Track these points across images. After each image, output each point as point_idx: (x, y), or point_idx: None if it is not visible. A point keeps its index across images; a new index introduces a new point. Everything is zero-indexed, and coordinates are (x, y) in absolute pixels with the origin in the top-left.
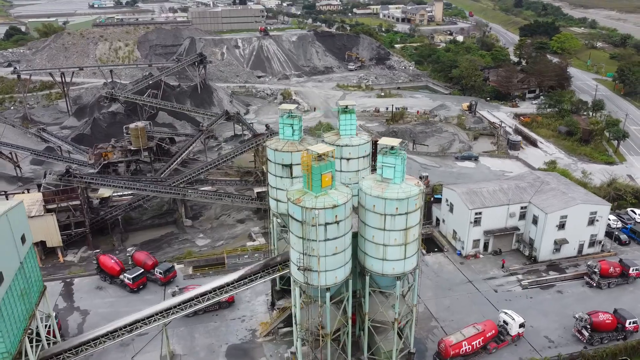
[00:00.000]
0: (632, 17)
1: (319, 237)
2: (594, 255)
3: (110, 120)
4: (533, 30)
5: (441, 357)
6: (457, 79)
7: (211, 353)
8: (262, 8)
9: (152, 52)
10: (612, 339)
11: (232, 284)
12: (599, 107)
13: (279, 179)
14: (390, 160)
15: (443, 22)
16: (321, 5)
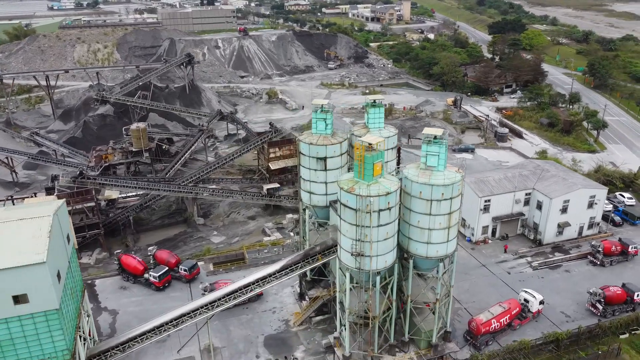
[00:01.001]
0: (588, 15)
1: (372, 224)
2: (593, 237)
3: (101, 123)
4: (501, 27)
5: (472, 335)
6: (438, 76)
7: (249, 344)
8: (234, 8)
9: (132, 53)
10: (622, 311)
11: (274, 274)
12: (575, 100)
13: (313, 172)
14: (435, 149)
15: (411, 20)
16: (290, 5)
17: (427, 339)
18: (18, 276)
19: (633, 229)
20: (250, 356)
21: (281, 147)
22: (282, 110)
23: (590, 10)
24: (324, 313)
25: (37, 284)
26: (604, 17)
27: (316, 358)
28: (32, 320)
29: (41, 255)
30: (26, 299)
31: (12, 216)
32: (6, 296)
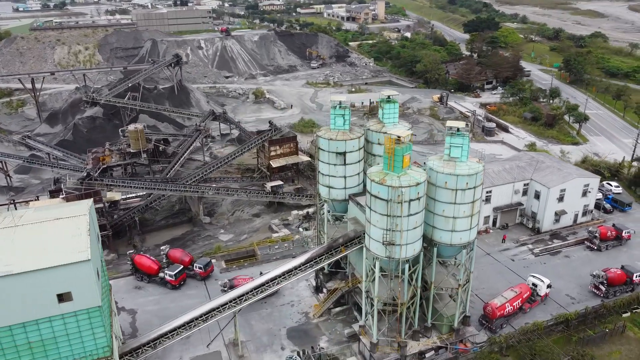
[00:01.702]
0: (555, 13)
1: (403, 213)
2: (587, 223)
3: (90, 125)
4: (476, 26)
5: (487, 319)
6: (421, 73)
7: (273, 336)
8: (209, 9)
9: (114, 55)
10: (623, 292)
11: (299, 267)
12: (555, 95)
13: (332, 166)
14: (458, 141)
15: (386, 20)
16: (264, 5)
17: (449, 324)
18: (63, 274)
19: (623, 215)
20: (275, 348)
21: (282, 145)
22: (271, 109)
23: (556, 8)
24: (341, 304)
25: (81, 282)
26: (570, 15)
27: (340, 347)
28: (75, 318)
29: (85, 253)
30: (70, 297)
31: (48, 216)
32: (51, 295)
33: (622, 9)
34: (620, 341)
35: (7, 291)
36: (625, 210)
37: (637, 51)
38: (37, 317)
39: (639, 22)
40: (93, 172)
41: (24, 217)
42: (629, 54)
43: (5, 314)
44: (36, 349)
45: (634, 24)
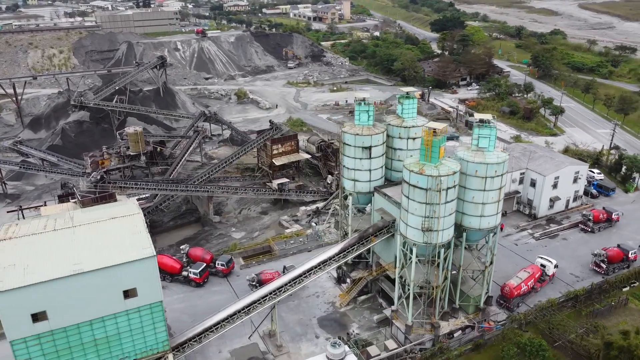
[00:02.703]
0: (511, 11)
1: (441, 201)
2: (577, 208)
3: (78, 130)
4: (443, 25)
5: (505, 299)
6: (399, 71)
7: (305, 326)
8: (176, 10)
9: (89, 58)
10: (620, 268)
11: (334, 257)
12: (529, 89)
13: (358, 160)
14: (486, 132)
15: (352, 19)
16: (229, 6)
17: (475, 304)
18: (129, 271)
19: (607, 200)
20: (310, 337)
21: (283, 144)
22: (256, 109)
23: (511, 7)
24: (365, 293)
25: (145, 278)
26: (526, 14)
27: (372, 332)
28: (138, 313)
29: (150, 249)
30: (135, 293)
31: (101, 216)
32: (117, 291)
33: (572, 7)
34: (624, 313)
35: (77, 289)
36: (609, 194)
37: (595, 47)
38: (104, 314)
39: (590, 19)
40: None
41: (75, 218)
42: (588, 50)
43: (74, 312)
44: (101, 346)
45: (586, 21)
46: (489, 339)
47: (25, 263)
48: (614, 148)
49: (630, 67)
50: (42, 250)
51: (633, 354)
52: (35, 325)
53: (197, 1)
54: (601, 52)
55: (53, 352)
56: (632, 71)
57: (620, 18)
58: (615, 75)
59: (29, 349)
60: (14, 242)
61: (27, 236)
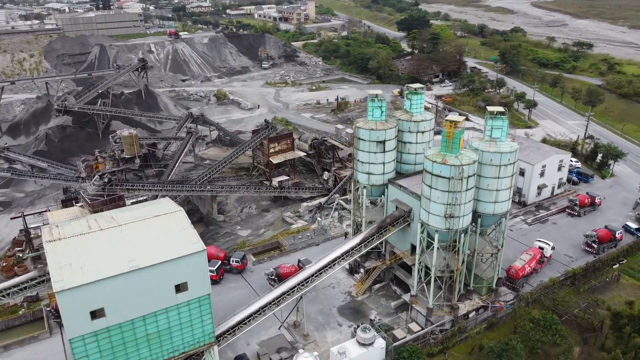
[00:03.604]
0: (469, 10)
1: (463, 188)
2: (562, 194)
3: (61, 135)
4: (408, 24)
5: (511, 280)
6: (374, 70)
7: (326, 315)
8: (140, 12)
9: (60, 61)
10: (609, 248)
11: (356, 247)
12: (501, 85)
13: (372, 154)
14: (499, 123)
15: (317, 20)
16: (192, 7)
17: (488, 285)
18: (181, 265)
19: (587, 186)
20: (333, 325)
21: (280, 142)
22: (238, 110)
23: (469, 6)
24: (378, 281)
25: (195, 272)
26: (484, 12)
27: (392, 318)
28: (187, 307)
29: (199, 244)
30: (186, 287)
31: (144, 214)
32: (170, 286)
33: (526, 5)
34: (617, 288)
35: (132, 286)
36: (589, 181)
37: (554, 44)
38: (156, 309)
39: (544, 17)
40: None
41: (118, 217)
42: (548, 47)
43: (129, 308)
44: (153, 341)
45: (541, 19)
46: (500, 317)
47: (81, 262)
48: (589, 137)
49: (591, 62)
50: (95, 249)
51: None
52: (93, 323)
53: (158, 3)
54: (560, 49)
55: (109, 349)
56: (593, 65)
57: (571, 16)
58: (579, 69)
59: (86, 346)
60: (64, 243)
61: (76, 236)
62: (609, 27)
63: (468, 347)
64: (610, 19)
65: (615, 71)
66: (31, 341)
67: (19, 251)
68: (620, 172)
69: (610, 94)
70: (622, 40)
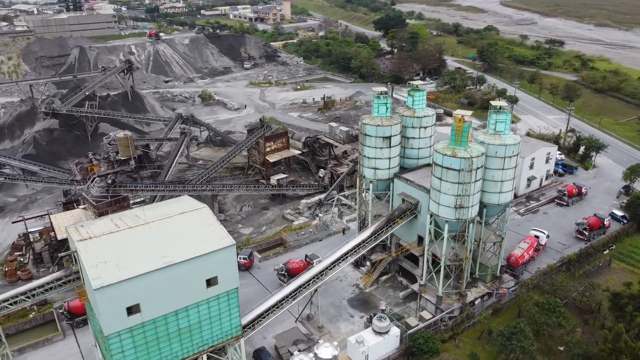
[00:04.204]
0: (442, 9)
1: (472, 179)
2: (549, 186)
3: (49, 138)
4: (385, 23)
5: (511, 267)
6: (356, 69)
7: (337, 308)
8: (114, 13)
9: (39, 64)
10: (598, 235)
11: (367, 239)
12: (482, 81)
13: (379, 149)
14: (502, 117)
15: (293, 20)
16: (165, 8)
17: (492, 273)
18: (212, 260)
19: (572, 177)
20: (345, 317)
21: (275, 141)
22: (225, 111)
23: (441, 5)
24: (384, 273)
25: (225, 266)
26: (455, 11)
27: (401, 308)
28: (217, 301)
29: (229, 239)
30: (216, 281)
31: (169, 212)
32: (201, 280)
33: (495, 4)
34: (609, 272)
35: (166, 281)
36: (573, 172)
37: (527, 42)
38: (188, 304)
39: (514, 16)
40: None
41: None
42: (521, 44)
43: (163, 303)
44: (184, 335)
45: (511, 17)
46: (504, 303)
47: (116, 259)
48: (570, 131)
49: (564, 59)
50: (127, 247)
51: None
52: (129, 319)
53: (129, 4)
54: (533, 46)
55: (143, 344)
56: (567, 62)
57: (540, 14)
58: (554, 66)
59: (122, 342)
60: (95, 242)
61: (107, 235)
62: (576, 25)
63: (476, 332)
64: (577, 17)
65: (588, 67)
66: (45, 344)
67: (19, 255)
68: (602, 163)
69: (586, 89)
70: (589, 37)
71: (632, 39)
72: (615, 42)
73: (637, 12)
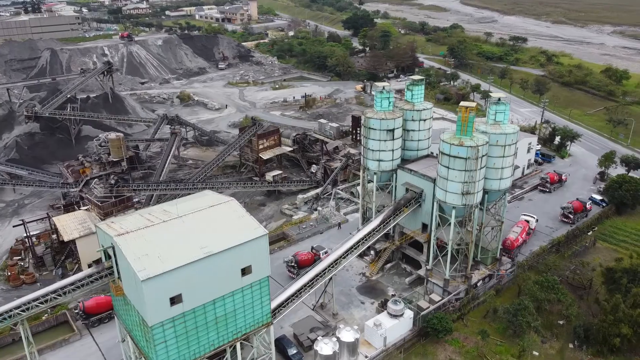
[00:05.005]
0: (405, 8)
1: (478, 167)
2: (531, 174)
3: (30, 142)
4: (354, 22)
5: (507, 250)
6: (332, 67)
7: (348, 295)
8: (77, 15)
9: (9, 67)
10: (581, 217)
11: (377, 228)
12: (456, 77)
13: (382, 142)
14: (502, 107)
15: (260, 20)
16: (128, 9)
17: (493, 256)
18: (247, 249)
19: (550, 165)
20: (356, 303)
21: (268, 138)
22: (206, 111)
23: (403, 4)
24: (389, 261)
25: (259, 255)
26: (418, 10)
27: (409, 293)
28: (250, 289)
29: (262, 229)
30: (250, 270)
31: (200, 205)
32: (237, 270)
33: (455, 3)
34: (595, 251)
35: (206, 271)
36: (551, 161)
37: (492, 39)
38: (225, 293)
39: (475, 14)
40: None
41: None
42: (486, 42)
43: (202, 292)
44: (220, 324)
45: (472, 16)
46: (504, 284)
47: (157, 252)
48: (545, 122)
49: (529, 54)
50: (165, 240)
51: (636, 271)
52: (172, 309)
53: (89, 5)
54: (498, 43)
55: (183, 333)
56: (533, 57)
57: (499, 12)
58: (521, 62)
59: (165, 333)
60: (133, 236)
61: (142, 229)
62: (534, 22)
63: (482, 312)
64: (534, 15)
65: (554, 62)
66: (62, 344)
67: (19, 260)
68: (576, 152)
69: (554, 83)
70: (548, 34)
71: (587, 35)
72: (572, 39)
73: (590, 10)
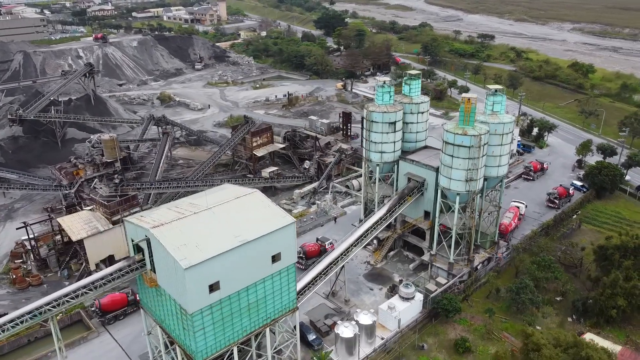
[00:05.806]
0: (372, 8)
1: (481, 154)
2: (514, 164)
3: (14, 146)
4: (326, 22)
5: (501, 234)
6: (310, 66)
7: (356, 283)
8: (42, 17)
9: None
10: (565, 202)
11: (384, 217)
12: (432, 74)
13: (385, 134)
14: (499, 99)
15: (229, 20)
16: (94, 11)
17: (491, 240)
18: (278, 237)
19: (530, 155)
20: (365, 290)
21: (261, 136)
22: (188, 111)
23: (369, 4)
24: (391, 249)
25: (287, 242)
26: (385, 10)
27: (415, 279)
28: (279, 276)
29: (289, 217)
30: (279, 257)
31: (226, 197)
32: (268, 257)
33: (420, 2)
34: (581, 233)
35: (241, 259)
36: (530, 151)
37: (460, 36)
38: (257, 280)
39: (440, 13)
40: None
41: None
42: (455, 39)
43: (237, 280)
44: (252, 310)
45: (438, 14)
46: (502, 266)
47: (194, 242)
48: (522, 115)
49: (500, 51)
50: (199, 230)
51: (627, 247)
52: (210, 296)
53: (50, 7)
54: (466, 41)
55: (219, 320)
56: (503, 54)
57: (463, 11)
58: (492, 58)
59: (203, 320)
60: (168, 227)
61: (175, 221)
62: (497, 20)
63: (484, 292)
64: (497, 14)
65: (523, 58)
66: (80, 342)
67: (21, 262)
68: (553, 142)
69: (526, 78)
70: (513, 32)
71: (549, 32)
72: (536, 36)
73: (549, 8)
